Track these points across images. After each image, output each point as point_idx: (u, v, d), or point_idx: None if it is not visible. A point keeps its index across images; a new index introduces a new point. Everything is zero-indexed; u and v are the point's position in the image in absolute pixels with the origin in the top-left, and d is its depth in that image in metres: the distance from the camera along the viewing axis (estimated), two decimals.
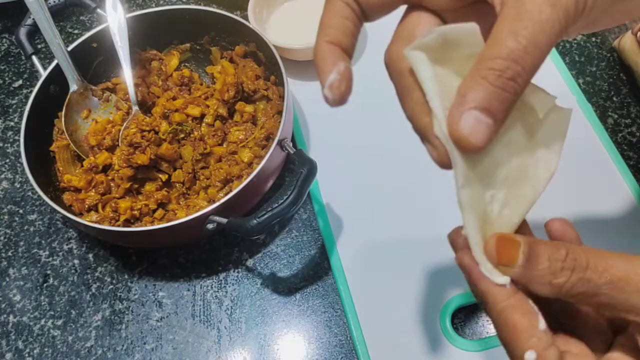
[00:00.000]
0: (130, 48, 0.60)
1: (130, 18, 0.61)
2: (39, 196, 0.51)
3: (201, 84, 0.65)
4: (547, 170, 0.26)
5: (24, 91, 0.70)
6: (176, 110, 0.60)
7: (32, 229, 0.60)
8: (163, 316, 0.54)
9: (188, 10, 0.62)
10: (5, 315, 0.55)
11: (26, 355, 0.53)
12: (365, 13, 0.28)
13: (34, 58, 0.61)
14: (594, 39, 0.69)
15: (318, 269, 0.56)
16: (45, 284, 0.57)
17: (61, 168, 0.59)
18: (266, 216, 0.47)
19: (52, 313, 0.55)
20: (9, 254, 0.59)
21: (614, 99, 0.65)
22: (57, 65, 0.58)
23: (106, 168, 0.58)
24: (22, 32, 0.61)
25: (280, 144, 0.54)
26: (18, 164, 0.65)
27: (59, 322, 0.55)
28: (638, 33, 0.62)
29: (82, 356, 0.53)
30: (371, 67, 0.55)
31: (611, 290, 0.23)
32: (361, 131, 0.63)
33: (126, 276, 0.57)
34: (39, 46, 0.65)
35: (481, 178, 0.25)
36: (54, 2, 0.61)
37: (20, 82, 0.71)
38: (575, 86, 0.65)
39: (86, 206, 0.56)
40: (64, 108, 0.59)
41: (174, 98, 0.62)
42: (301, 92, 0.66)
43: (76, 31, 0.75)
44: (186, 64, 0.67)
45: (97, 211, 0.56)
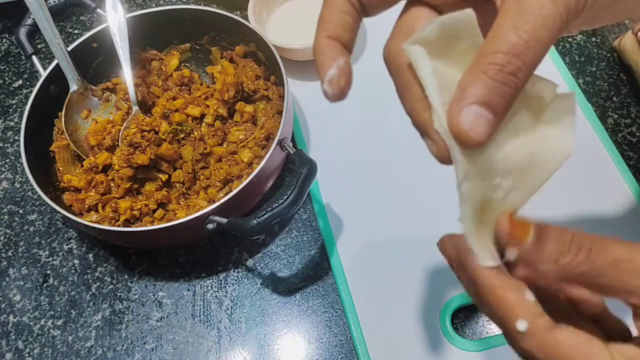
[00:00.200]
0: (130, 48, 0.60)
1: (130, 18, 0.61)
2: (39, 196, 0.51)
3: (201, 84, 0.65)
4: (563, 149, 0.26)
5: (24, 91, 0.70)
6: (176, 110, 0.60)
7: (32, 229, 0.60)
8: (163, 316, 0.54)
9: (188, 10, 0.63)
10: (5, 315, 0.55)
11: (26, 355, 0.53)
12: (364, 8, 0.28)
13: (34, 58, 0.61)
14: (594, 39, 0.69)
15: (318, 269, 0.56)
16: (45, 284, 0.57)
17: (61, 168, 0.59)
18: (266, 216, 0.47)
19: (52, 313, 0.55)
20: (9, 254, 0.59)
21: (614, 99, 0.65)
22: (57, 65, 0.58)
23: (106, 168, 0.58)
24: (22, 32, 0.61)
25: (280, 144, 0.54)
26: (18, 164, 0.65)
27: (59, 322, 0.55)
28: (638, 33, 0.62)
29: (82, 356, 0.53)
30: (371, 67, 0.55)
31: (613, 272, 0.24)
32: (361, 131, 0.63)
33: (126, 276, 0.57)
34: (39, 46, 0.65)
35: (483, 171, 0.24)
36: (54, 2, 0.61)
37: (20, 82, 0.71)
38: (575, 86, 0.65)
39: (86, 206, 0.56)
40: (64, 108, 0.59)
41: (174, 98, 0.62)
42: (301, 92, 0.66)
43: (76, 31, 0.76)
44: (186, 64, 0.67)
45: (97, 211, 0.56)
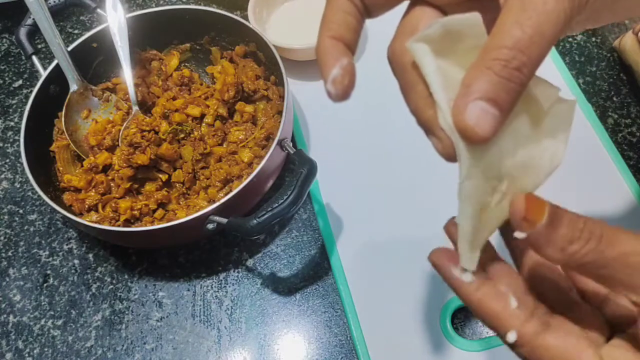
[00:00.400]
0: (130, 48, 0.60)
1: (130, 18, 0.61)
2: (39, 196, 0.51)
3: (201, 84, 0.65)
4: (553, 161, 0.26)
5: (24, 91, 0.70)
6: (176, 110, 0.60)
7: (32, 229, 0.60)
8: (163, 316, 0.54)
9: (188, 10, 0.63)
10: (5, 315, 0.55)
11: (26, 355, 0.53)
12: (367, 9, 0.28)
13: (34, 58, 0.61)
14: (594, 39, 0.69)
15: (318, 269, 0.56)
16: (45, 284, 0.57)
17: (61, 168, 0.59)
18: (266, 216, 0.47)
19: (52, 313, 0.55)
20: (9, 254, 0.59)
21: (614, 99, 0.65)
22: (57, 65, 0.58)
23: (106, 168, 0.58)
24: (22, 32, 0.61)
25: (280, 144, 0.54)
26: (18, 164, 0.65)
27: (59, 322, 0.55)
28: (639, 33, 0.62)
29: (82, 356, 0.53)
30: (372, 68, 0.56)
31: (619, 264, 0.23)
32: (361, 131, 0.63)
33: (126, 276, 0.57)
34: (39, 46, 0.65)
35: (486, 170, 0.24)
36: (54, 2, 0.61)
37: (20, 82, 0.71)
38: (575, 86, 0.65)
39: (86, 206, 0.56)
40: (64, 108, 0.59)
41: (174, 98, 0.62)
42: (301, 92, 0.66)
43: (76, 31, 0.76)
44: (186, 64, 0.67)
45: (97, 211, 0.56)
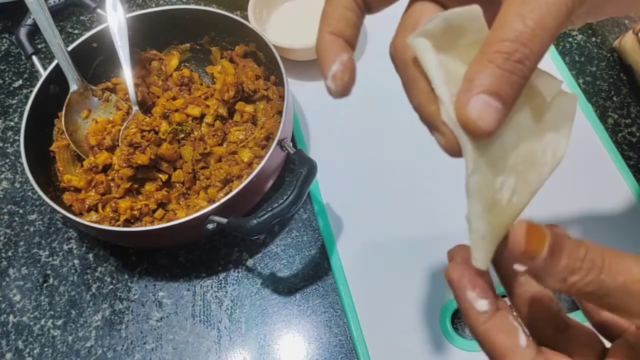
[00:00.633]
0: (130, 48, 0.60)
1: (130, 18, 0.61)
2: (39, 196, 0.52)
3: (201, 84, 0.65)
4: (555, 155, 0.26)
5: (24, 91, 0.70)
6: (176, 110, 0.60)
7: (32, 229, 0.60)
8: (163, 316, 0.54)
9: (188, 10, 0.63)
10: (5, 315, 0.55)
11: (26, 355, 0.53)
12: (367, 4, 0.28)
13: (34, 58, 0.61)
14: (594, 39, 0.69)
15: (318, 269, 0.56)
16: (45, 284, 0.57)
17: (61, 168, 0.59)
18: (266, 216, 0.47)
19: (52, 313, 0.55)
20: (9, 254, 0.59)
21: (614, 99, 0.65)
22: (57, 65, 0.58)
23: (106, 168, 0.58)
24: (22, 32, 0.61)
25: (280, 144, 0.54)
26: (18, 164, 0.65)
27: (59, 322, 0.55)
28: (639, 33, 0.62)
29: (82, 356, 0.53)
30: (371, 67, 0.56)
31: (621, 293, 0.23)
32: (361, 131, 0.63)
33: (126, 276, 0.57)
34: (39, 46, 0.65)
35: (491, 164, 0.24)
36: (54, 2, 0.61)
37: (20, 82, 0.71)
38: (575, 86, 0.65)
39: (86, 206, 0.56)
40: (64, 108, 0.59)
41: (174, 98, 0.62)
42: (301, 92, 0.66)
43: (76, 31, 0.75)
44: (186, 64, 0.67)
45: (97, 211, 0.56)
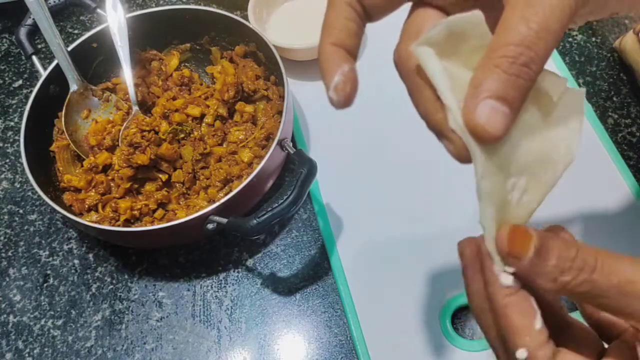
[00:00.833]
0: (130, 48, 0.60)
1: (130, 18, 0.61)
2: (39, 196, 0.52)
3: (201, 84, 0.65)
4: (568, 151, 0.25)
5: (24, 91, 0.70)
6: (176, 110, 0.60)
7: (32, 229, 0.60)
8: (163, 316, 0.54)
9: (188, 10, 0.63)
10: (5, 315, 0.55)
11: (26, 355, 0.53)
12: (368, 13, 0.28)
13: (34, 58, 0.61)
14: (594, 39, 0.69)
15: (318, 269, 0.56)
16: (45, 284, 0.57)
17: (61, 168, 0.59)
18: (266, 216, 0.47)
19: (52, 313, 0.55)
20: (9, 254, 0.59)
21: (614, 99, 0.65)
22: (57, 65, 0.58)
23: (106, 168, 0.58)
24: (22, 32, 0.61)
25: (280, 144, 0.54)
26: (18, 164, 0.65)
27: (59, 322, 0.55)
28: (639, 33, 0.62)
29: (82, 356, 0.53)
30: (372, 67, 0.56)
31: (616, 294, 0.23)
32: (361, 131, 0.63)
33: (126, 276, 0.57)
34: (39, 46, 0.65)
35: (501, 167, 0.24)
36: (54, 2, 0.61)
37: (20, 82, 0.71)
38: (575, 86, 0.65)
39: (86, 206, 0.56)
40: (64, 108, 0.59)
41: (174, 98, 0.62)
42: (301, 92, 0.66)
43: (76, 31, 0.75)
44: (186, 64, 0.67)
45: (97, 211, 0.56)
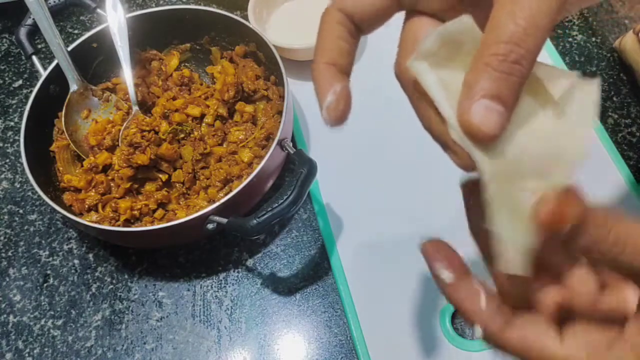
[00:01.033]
0: (130, 48, 0.60)
1: (130, 18, 0.61)
2: (39, 196, 0.51)
3: (201, 84, 0.65)
4: (580, 148, 0.25)
5: (24, 91, 0.70)
6: (176, 110, 0.60)
7: (32, 229, 0.60)
8: (163, 316, 0.54)
9: (188, 10, 0.63)
10: (5, 315, 0.55)
11: (26, 355, 0.53)
12: (360, 28, 0.28)
13: (34, 58, 0.61)
14: (594, 39, 0.69)
15: (318, 269, 0.56)
16: (45, 284, 0.57)
17: (61, 168, 0.59)
18: (266, 216, 0.47)
19: (52, 313, 0.55)
20: (9, 254, 0.59)
21: (614, 99, 0.65)
22: (57, 65, 0.58)
23: (106, 168, 0.58)
24: (22, 32, 0.61)
25: (280, 144, 0.54)
26: (18, 164, 0.65)
27: (59, 322, 0.55)
28: (639, 33, 0.62)
29: (82, 356, 0.53)
30: (370, 69, 0.56)
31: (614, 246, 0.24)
32: (361, 131, 0.63)
33: (126, 276, 0.57)
34: (39, 46, 0.65)
35: (508, 171, 0.24)
36: (54, 2, 0.61)
37: (20, 82, 0.71)
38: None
39: (86, 206, 0.56)
40: (64, 108, 0.59)
41: (174, 98, 0.62)
42: (301, 92, 0.66)
43: (76, 31, 0.75)
44: (186, 64, 0.67)
45: (97, 211, 0.56)
